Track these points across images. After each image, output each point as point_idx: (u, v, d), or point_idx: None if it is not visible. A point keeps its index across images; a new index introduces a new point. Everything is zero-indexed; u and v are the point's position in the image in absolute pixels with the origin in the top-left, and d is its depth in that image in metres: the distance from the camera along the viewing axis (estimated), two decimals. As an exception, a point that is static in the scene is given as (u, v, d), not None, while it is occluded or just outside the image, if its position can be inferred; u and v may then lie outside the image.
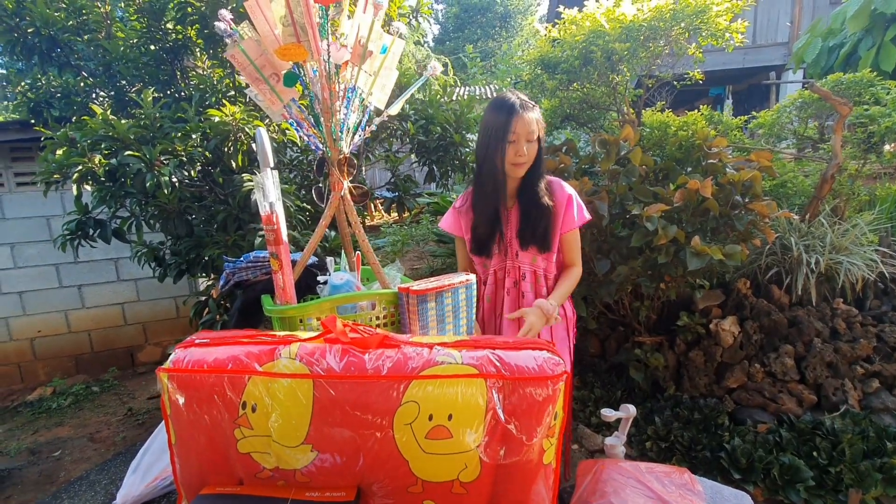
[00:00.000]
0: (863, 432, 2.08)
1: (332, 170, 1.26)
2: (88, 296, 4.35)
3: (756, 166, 2.29)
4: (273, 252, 1.13)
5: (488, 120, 1.45)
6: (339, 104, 1.23)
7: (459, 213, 1.63)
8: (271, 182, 1.11)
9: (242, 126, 1.89)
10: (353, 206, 1.33)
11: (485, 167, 1.48)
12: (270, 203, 1.10)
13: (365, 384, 0.93)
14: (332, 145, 1.26)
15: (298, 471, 0.97)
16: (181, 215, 2.24)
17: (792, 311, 2.43)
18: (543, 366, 0.96)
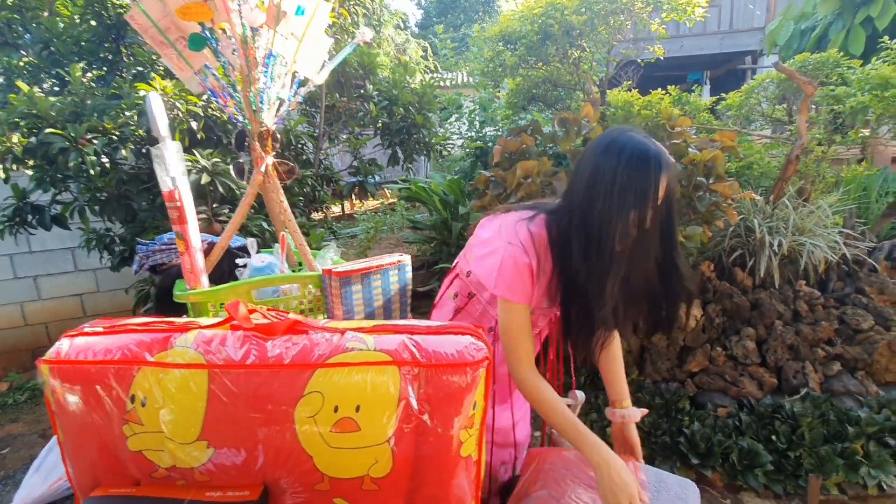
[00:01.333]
0: (823, 416, 2.07)
1: (252, 144, 1.16)
2: (45, 287, 4.17)
3: (719, 146, 2.23)
4: (178, 232, 1.03)
5: (620, 166, 0.96)
6: (258, 72, 1.12)
7: (536, 277, 1.09)
8: (173, 155, 1.01)
9: (174, 101, 1.76)
10: (279, 185, 1.23)
11: (606, 233, 0.99)
12: (172, 178, 1.00)
13: (264, 374, 0.84)
14: (251, 117, 1.16)
15: (196, 469, 0.89)
16: (120, 199, 2.11)
17: (755, 293, 2.41)
18: (463, 352, 0.88)
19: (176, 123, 1.89)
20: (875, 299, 2.36)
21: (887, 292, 2.38)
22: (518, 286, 1.08)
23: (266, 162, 1.17)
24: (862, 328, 2.26)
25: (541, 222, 1.11)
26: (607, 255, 0.99)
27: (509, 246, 1.08)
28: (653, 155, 0.96)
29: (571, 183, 1.09)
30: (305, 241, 1.26)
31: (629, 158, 0.96)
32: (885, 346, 2.19)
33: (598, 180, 0.98)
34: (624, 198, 0.96)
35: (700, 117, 3.00)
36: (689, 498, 1.10)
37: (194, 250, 1.04)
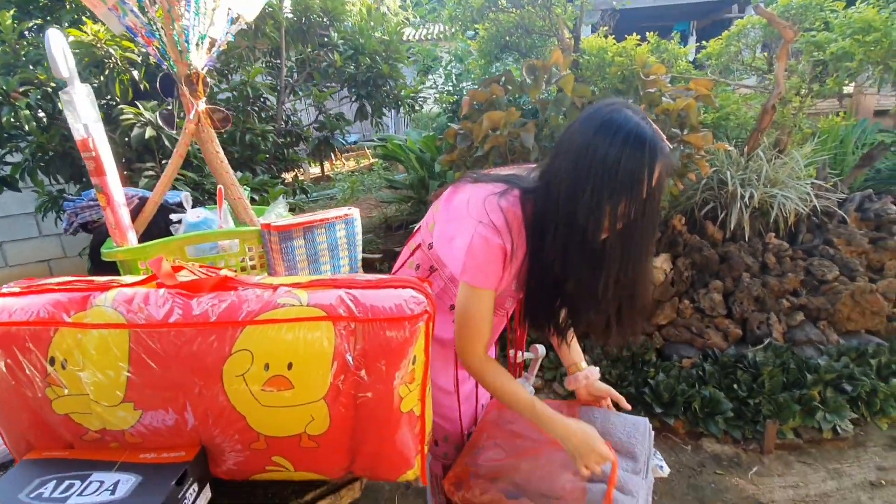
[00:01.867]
0: (784, 364, 2.12)
1: (180, 89, 1.06)
2: (10, 253, 4.06)
3: (694, 95, 2.16)
4: (97, 185, 0.95)
5: (612, 151, 0.85)
6: (182, 7, 1.01)
7: (509, 260, 0.98)
8: (83, 99, 0.91)
9: (108, 48, 1.63)
10: (213, 134, 1.14)
11: (593, 226, 0.88)
12: (84, 125, 0.91)
13: (189, 333, 0.80)
14: (177, 58, 1.05)
15: (126, 431, 0.86)
16: (65, 156, 1.99)
17: (724, 246, 2.41)
18: (402, 305, 0.84)
19: (115, 73, 1.76)
20: (842, 250, 2.38)
21: (854, 243, 2.40)
22: (488, 272, 0.98)
23: (197, 108, 1.07)
24: (827, 279, 2.28)
25: (515, 199, 0.99)
26: (589, 249, 0.90)
27: (480, 226, 0.96)
28: (649, 138, 0.85)
29: (553, 160, 0.96)
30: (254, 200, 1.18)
31: (625, 140, 0.84)
32: (849, 296, 2.22)
33: (587, 161, 0.86)
34: (615, 184, 0.85)
35: (678, 66, 2.90)
36: (640, 426, 1.10)
37: (117, 205, 0.97)
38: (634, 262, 0.93)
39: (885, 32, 2.24)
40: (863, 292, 2.20)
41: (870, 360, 2.12)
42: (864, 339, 2.25)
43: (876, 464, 1.88)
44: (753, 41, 2.88)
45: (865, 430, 2.01)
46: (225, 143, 2.42)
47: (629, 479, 0.98)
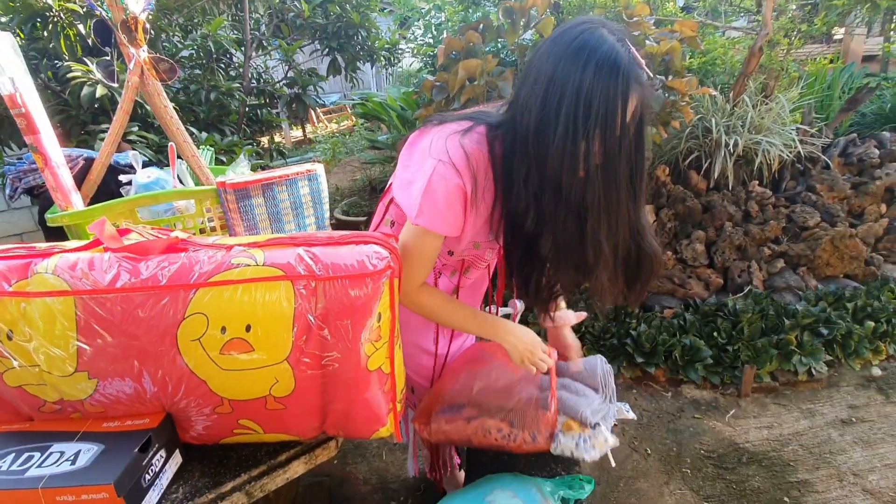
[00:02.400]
0: (763, 311, 2.14)
1: (118, 37, 0.97)
2: (-22, 228, 3.91)
3: (679, 37, 2.07)
4: (31, 144, 0.88)
5: (585, 78, 0.75)
6: (110, -59, 0.91)
7: (471, 203, 0.89)
8: (7, 49, 0.83)
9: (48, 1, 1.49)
10: (160, 86, 1.06)
11: (568, 167, 0.79)
12: (10, 78, 0.83)
13: (138, 297, 0.76)
14: (111, 2, 0.96)
15: (85, 402, 0.83)
16: (4, 120, 1.87)
17: (708, 196, 2.38)
18: (364, 261, 0.80)
19: (59, 28, 1.62)
20: (824, 196, 2.37)
21: (837, 189, 2.39)
22: (446, 216, 0.88)
23: (137, 58, 0.99)
24: (808, 225, 2.28)
25: (479, 137, 0.89)
26: (565, 196, 0.80)
27: (438, 164, 0.86)
28: (625, 63, 0.74)
29: (520, 89, 0.84)
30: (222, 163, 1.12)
31: (598, 65, 0.74)
32: (829, 241, 2.23)
33: (556, 91, 0.76)
34: (589, 117, 0.75)
35: (666, 9, 2.78)
36: (598, 366, 1.11)
37: (56, 165, 0.90)
38: (619, 211, 0.82)
39: (876, -34, 2.15)
40: (842, 237, 2.20)
41: (846, 303, 2.15)
42: (842, 284, 2.28)
43: (848, 402, 1.94)
44: (742, -21, 2.76)
45: (839, 372, 2.06)
46: (190, 103, 2.30)
47: (585, 390, 1.01)
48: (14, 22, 1.66)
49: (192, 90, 2.29)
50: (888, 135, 2.66)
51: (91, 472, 0.76)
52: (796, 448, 1.76)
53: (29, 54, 1.83)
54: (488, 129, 0.91)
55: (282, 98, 2.60)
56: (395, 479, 1.73)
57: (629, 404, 1.23)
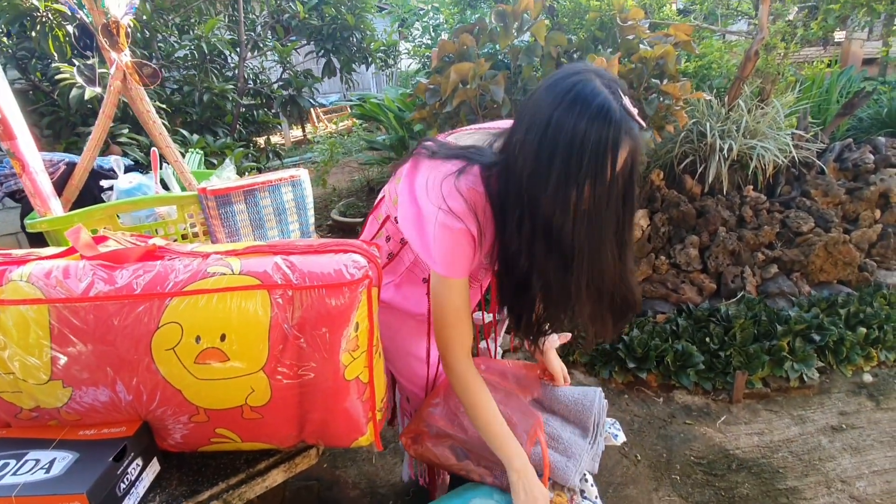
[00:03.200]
0: (755, 316, 2.13)
1: (99, 40, 0.97)
2: (-25, 226, 3.91)
3: (673, 41, 2.07)
4: (7, 150, 0.87)
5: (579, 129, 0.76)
6: (91, -54, 0.90)
7: (478, 242, 0.91)
8: (-19, 53, 0.82)
9: (33, 0, 1.49)
10: (142, 91, 1.06)
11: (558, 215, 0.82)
12: (-15, 82, 0.83)
13: (112, 306, 0.75)
14: (92, 6, 0.95)
15: (61, 409, 0.82)
16: None
17: (702, 200, 2.37)
18: (342, 270, 0.80)
19: (47, 29, 1.62)
20: (819, 201, 2.36)
21: (831, 194, 2.38)
22: (459, 260, 0.90)
23: (119, 62, 0.98)
24: (802, 231, 2.27)
25: (475, 178, 0.91)
26: (555, 240, 0.83)
27: (440, 213, 0.88)
28: (617, 114, 0.76)
29: (514, 133, 0.86)
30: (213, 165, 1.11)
31: (592, 116, 0.75)
32: (822, 247, 2.22)
33: (550, 138, 0.78)
34: (581, 165, 0.76)
35: (662, 13, 2.77)
36: (590, 395, 1.10)
37: (33, 171, 0.90)
38: (603, 259, 0.84)
39: (872, -29, 2.14)
40: (836, 243, 2.19)
41: (839, 309, 2.14)
42: (835, 290, 2.27)
43: (839, 409, 1.93)
44: (739, -17, 2.75)
45: (831, 378, 2.06)
46: (184, 104, 2.29)
47: (573, 441, 0.98)
48: (1, 21, 1.66)
49: (186, 91, 2.28)
50: (884, 140, 2.65)
51: (65, 481, 0.76)
52: (786, 455, 1.75)
53: (18, 53, 1.83)
54: (482, 168, 0.92)
55: (277, 99, 2.60)
56: (384, 484, 1.73)
57: (620, 413, 1.23)
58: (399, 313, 1.11)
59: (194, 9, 2.63)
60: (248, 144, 2.79)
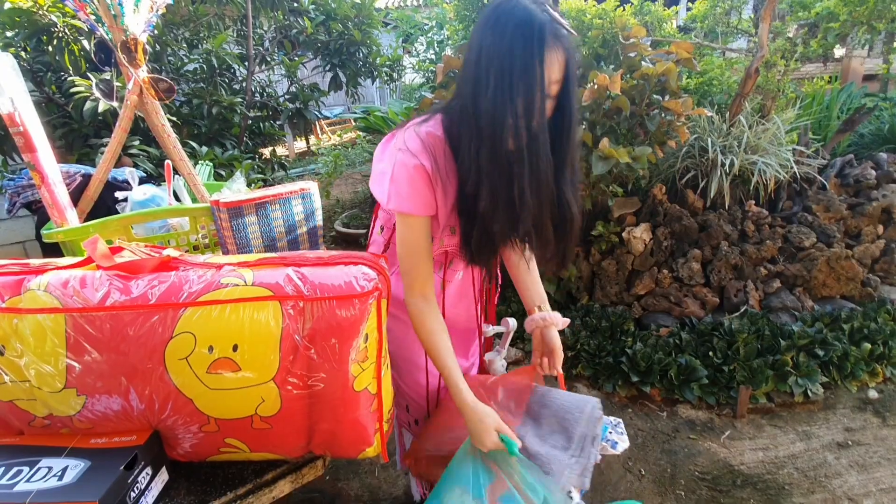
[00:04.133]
0: (759, 331, 2.13)
1: (118, 57, 1.00)
2: (-18, 235, 3.94)
3: (674, 59, 2.10)
4: (28, 161, 0.90)
5: (504, 44, 0.80)
6: (113, -33, 0.94)
7: (434, 180, 0.93)
8: (7, 70, 0.85)
9: (51, 14, 1.53)
10: (158, 105, 1.08)
11: (497, 128, 0.84)
12: (10, 98, 0.86)
13: (127, 316, 0.77)
14: (111, 24, 0.98)
15: (74, 418, 0.84)
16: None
17: (704, 214, 2.39)
18: (352, 283, 0.81)
19: (63, 44, 1.66)
20: (821, 217, 2.37)
21: (833, 209, 2.39)
22: (412, 195, 0.93)
23: (136, 78, 1.01)
24: (804, 246, 2.28)
25: (436, 123, 0.96)
26: (498, 155, 0.85)
27: (398, 153, 0.93)
28: (537, 24, 0.78)
29: (461, 69, 0.97)
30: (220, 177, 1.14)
31: (513, 31, 0.79)
32: (825, 262, 2.23)
33: (483, 61, 0.83)
34: (511, 79, 0.80)
35: (663, 30, 2.82)
36: (582, 405, 1.09)
37: (52, 182, 0.92)
38: (542, 167, 0.86)
39: (871, -8, 2.18)
40: (838, 258, 2.20)
41: (843, 325, 2.15)
42: (838, 305, 2.27)
43: (844, 425, 1.92)
44: (740, 2, 2.80)
45: (836, 393, 2.05)
46: (192, 117, 2.33)
47: (553, 457, 0.98)
48: (20, 37, 1.70)
49: (195, 104, 2.32)
50: (885, 156, 2.67)
51: (77, 489, 0.77)
52: (791, 471, 1.74)
53: (34, 67, 1.87)
54: (443, 113, 0.98)
55: (284, 112, 2.64)
56: (386, 497, 1.72)
57: (623, 425, 1.22)
58: (401, 317, 1.12)
59: (204, 23, 2.68)
60: (254, 156, 2.83)
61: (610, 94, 1.93)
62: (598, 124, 2.05)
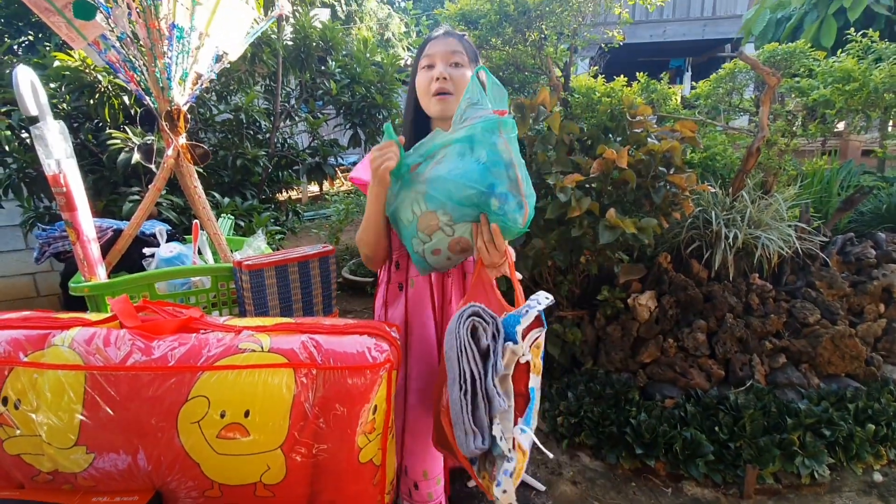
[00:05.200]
0: (765, 407, 2.10)
1: (160, 124, 1.07)
2: (-5, 265, 4.00)
3: (679, 137, 2.20)
4: (67, 220, 0.95)
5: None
6: (164, 45, 1.03)
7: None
8: (56, 135, 0.92)
9: (97, 74, 1.65)
10: (192, 169, 1.15)
11: (408, 107, 1.20)
12: (56, 160, 0.92)
13: (146, 377, 0.79)
14: (158, 94, 1.07)
15: (79, 475, 0.84)
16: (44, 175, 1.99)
17: (709, 285, 2.41)
18: (365, 353, 0.84)
19: (105, 98, 1.77)
20: (824, 293, 2.39)
21: (836, 286, 2.42)
22: (366, 166, 1.09)
23: (176, 144, 1.08)
24: (809, 322, 2.29)
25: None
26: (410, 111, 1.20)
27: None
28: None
29: None
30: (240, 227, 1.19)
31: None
32: (829, 340, 2.23)
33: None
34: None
35: (668, 106, 2.96)
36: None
37: (87, 240, 0.97)
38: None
39: (864, 82, 2.30)
40: (842, 336, 2.20)
41: (848, 404, 2.11)
42: (843, 383, 2.25)
43: (855, 513, 1.85)
44: (741, 84, 2.95)
45: (841, 476, 1.99)
46: (217, 167, 2.43)
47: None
48: (64, 90, 1.82)
49: (221, 155, 2.43)
50: (883, 236, 2.72)
51: (74, 552, 0.76)
52: (802, 562, 1.66)
53: (73, 114, 1.98)
54: None
55: (304, 166, 2.75)
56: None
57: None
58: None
59: (235, 78, 2.85)
60: (272, 204, 2.92)
61: (617, 166, 2.01)
62: (605, 194, 2.12)
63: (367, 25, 7.88)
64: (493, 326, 0.89)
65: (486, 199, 0.94)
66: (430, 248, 1.02)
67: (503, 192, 0.94)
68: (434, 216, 0.98)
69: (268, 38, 2.45)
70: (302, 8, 2.84)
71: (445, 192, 0.96)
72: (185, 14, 1.03)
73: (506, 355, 0.86)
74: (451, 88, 1.11)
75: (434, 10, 3.29)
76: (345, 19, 6.63)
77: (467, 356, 0.87)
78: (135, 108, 1.91)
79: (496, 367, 0.86)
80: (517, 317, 0.89)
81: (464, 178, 0.94)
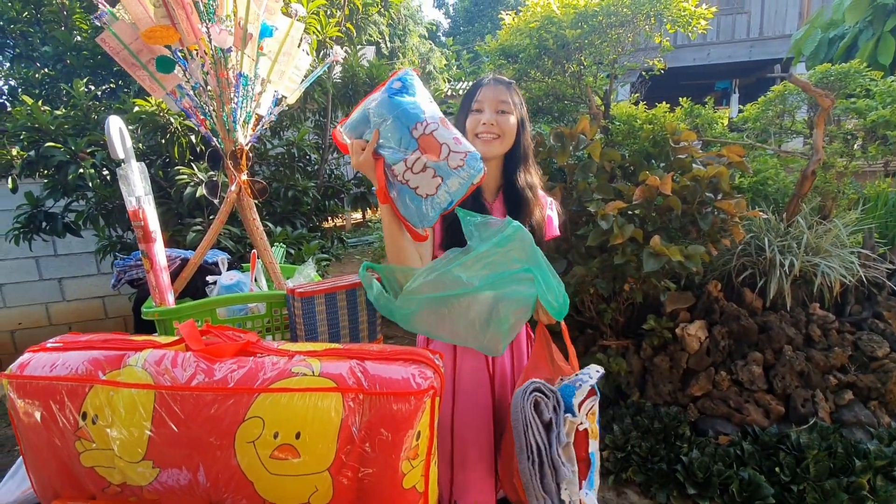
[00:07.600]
0: (830, 448, 1.95)
1: (225, 162, 1.18)
2: (69, 289, 4.35)
3: (726, 162, 2.16)
4: (143, 250, 1.05)
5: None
6: (231, 92, 1.14)
7: None
8: (137, 175, 1.03)
9: (170, 117, 1.81)
10: (252, 202, 1.24)
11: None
12: (137, 197, 1.03)
13: (208, 397, 0.85)
14: (224, 136, 1.17)
15: (145, 488, 0.90)
16: (124, 209, 2.18)
17: (764, 315, 2.30)
18: (409, 380, 0.87)
19: (175, 137, 1.94)
20: (893, 325, 2.23)
21: (908, 318, 2.25)
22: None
23: (238, 180, 1.18)
24: (877, 355, 2.13)
25: None
26: None
27: None
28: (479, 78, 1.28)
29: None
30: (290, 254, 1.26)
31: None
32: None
33: None
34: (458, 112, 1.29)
35: (713, 130, 2.90)
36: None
37: (159, 269, 1.06)
38: None
39: (929, 101, 2.19)
40: (919, 373, 2.03)
41: (929, 447, 1.93)
42: (923, 425, 2.06)
43: (944, 572, 1.67)
44: (792, 106, 2.86)
45: (926, 529, 1.80)
46: (270, 198, 2.58)
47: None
48: (140, 132, 2.00)
49: (274, 187, 2.58)
50: (962, 264, 2.52)
51: (139, 562, 0.81)
52: None
53: (146, 152, 2.17)
54: None
55: (349, 197, 2.88)
56: None
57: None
58: None
59: (287, 114, 3.04)
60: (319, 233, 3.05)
61: (661, 192, 1.99)
62: (649, 221, 2.09)
63: (409, 60, 8.22)
64: (554, 399, 0.99)
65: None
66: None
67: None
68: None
69: (319, 77, 2.63)
70: (351, 48, 3.02)
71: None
72: (249, 64, 1.13)
73: (566, 426, 0.92)
74: (498, 132, 1.24)
75: (474, 44, 3.39)
76: (389, 55, 6.93)
77: (532, 430, 0.96)
78: (200, 146, 2.08)
79: (559, 438, 0.92)
80: (572, 388, 0.96)
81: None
